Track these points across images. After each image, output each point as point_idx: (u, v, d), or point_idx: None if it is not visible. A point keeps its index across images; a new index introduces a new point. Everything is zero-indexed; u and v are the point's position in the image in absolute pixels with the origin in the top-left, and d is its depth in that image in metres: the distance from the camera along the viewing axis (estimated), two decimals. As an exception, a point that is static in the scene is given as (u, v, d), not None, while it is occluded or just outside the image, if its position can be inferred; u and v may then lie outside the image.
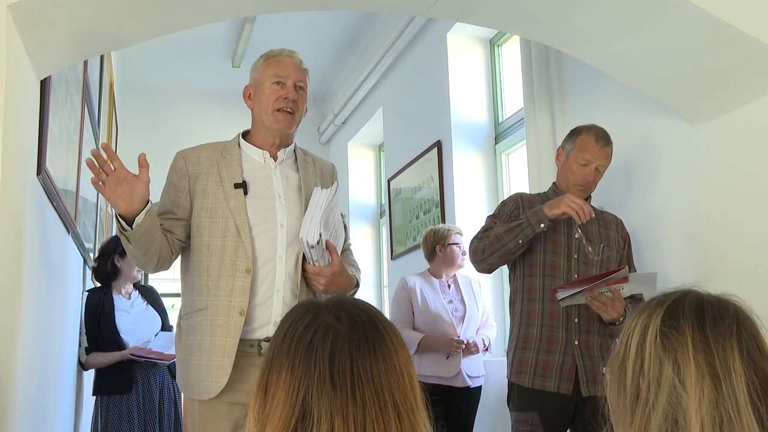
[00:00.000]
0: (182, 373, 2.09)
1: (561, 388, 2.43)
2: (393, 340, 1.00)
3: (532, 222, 2.43)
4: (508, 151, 4.39)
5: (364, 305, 1.04)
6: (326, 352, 0.96)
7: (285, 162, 2.21)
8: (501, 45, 4.54)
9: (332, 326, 0.99)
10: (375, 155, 6.57)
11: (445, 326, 3.58)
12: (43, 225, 2.31)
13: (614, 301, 2.38)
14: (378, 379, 0.95)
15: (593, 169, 2.55)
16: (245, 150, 2.19)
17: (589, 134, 2.57)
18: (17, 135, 1.79)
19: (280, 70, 2.15)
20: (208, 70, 6.32)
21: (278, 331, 1.03)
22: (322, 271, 2.07)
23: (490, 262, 2.52)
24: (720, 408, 0.94)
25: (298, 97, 2.15)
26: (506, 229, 2.47)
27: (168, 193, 2.16)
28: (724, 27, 2.13)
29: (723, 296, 1.05)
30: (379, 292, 6.25)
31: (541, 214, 2.44)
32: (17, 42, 1.78)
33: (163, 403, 3.64)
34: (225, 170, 2.12)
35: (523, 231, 2.44)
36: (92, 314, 3.58)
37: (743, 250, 2.46)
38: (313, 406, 0.93)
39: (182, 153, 2.18)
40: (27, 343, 2.08)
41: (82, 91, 3.06)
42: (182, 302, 2.16)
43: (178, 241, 2.11)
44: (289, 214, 2.12)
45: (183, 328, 2.12)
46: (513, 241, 2.45)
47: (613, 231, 2.65)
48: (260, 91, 2.16)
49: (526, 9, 2.35)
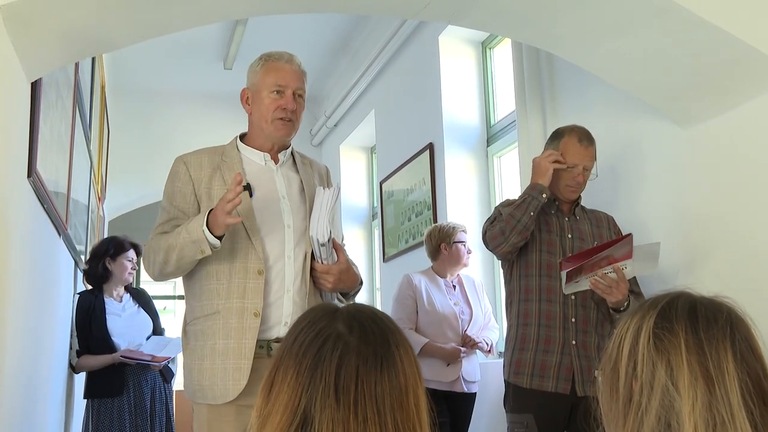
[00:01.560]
0: (192, 379, 2.06)
1: (559, 387, 2.44)
2: (403, 359, 0.99)
3: (534, 195, 2.49)
4: (500, 154, 4.39)
5: (379, 318, 1.03)
6: (333, 365, 0.96)
7: (285, 164, 2.21)
8: (493, 48, 4.55)
9: (343, 337, 0.98)
10: (367, 157, 6.56)
11: (451, 330, 3.52)
12: (34, 227, 2.30)
13: (618, 282, 2.38)
14: (381, 398, 0.95)
15: (580, 171, 2.58)
16: (245, 153, 2.18)
17: (572, 136, 2.59)
18: (7, 137, 1.78)
19: (279, 79, 2.12)
20: (200, 72, 6.31)
21: (291, 332, 1.03)
22: (330, 269, 2.08)
23: (512, 242, 2.52)
24: (713, 411, 0.94)
25: (297, 105, 2.14)
26: (515, 207, 2.52)
27: (174, 200, 2.12)
28: (713, 30, 2.14)
29: (716, 298, 1.05)
30: (371, 294, 6.24)
31: (538, 186, 2.51)
32: (7, 44, 1.77)
33: (154, 406, 3.62)
34: (228, 173, 2.10)
35: (530, 204, 2.49)
36: (83, 317, 3.57)
37: (734, 252, 2.47)
38: (315, 415, 0.93)
39: (182, 158, 2.16)
40: (16, 346, 2.06)
41: (73, 93, 3.05)
42: (188, 308, 2.13)
43: None
44: (295, 214, 2.13)
45: (191, 334, 2.09)
46: (525, 214, 2.49)
47: (605, 229, 2.67)
48: (259, 98, 2.14)
49: (517, 12, 2.36)
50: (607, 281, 2.37)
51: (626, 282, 2.39)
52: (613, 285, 2.37)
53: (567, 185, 2.58)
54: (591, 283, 2.39)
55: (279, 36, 5.52)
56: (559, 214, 2.63)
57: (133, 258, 3.73)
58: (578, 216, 2.66)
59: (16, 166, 1.94)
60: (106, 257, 3.64)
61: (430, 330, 3.52)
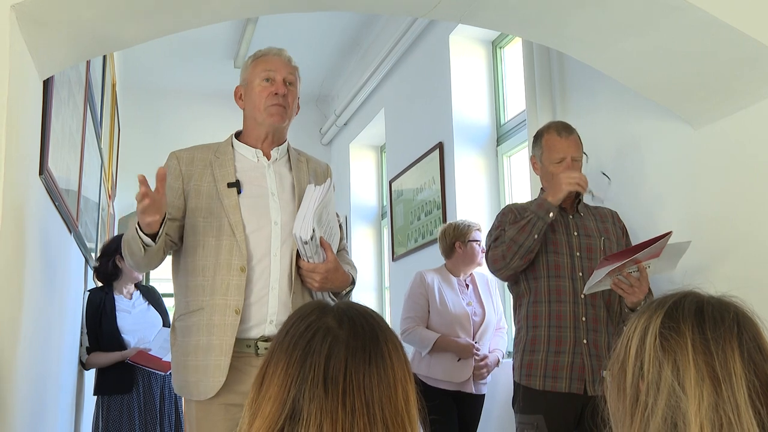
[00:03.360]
0: (179, 375, 2.08)
1: (572, 388, 2.43)
2: (391, 354, 1.00)
3: (540, 214, 2.45)
4: (510, 153, 4.39)
5: (369, 315, 1.05)
6: (322, 355, 0.97)
7: (278, 161, 2.21)
8: (503, 47, 4.54)
9: (332, 330, 1.00)
10: (377, 156, 6.57)
11: (463, 330, 3.49)
12: (45, 225, 2.31)
13: (641, 280, 2.34)
14: (369, 391, 0.96)
15: (569, 162, 2.57)
16: (238, 149, 2.20)
17: (550, 132, 2.64)
18: (20, 135, 1.79)
19: (268, 65, 2.17)
20: (211, 71, 6.33)
21: (283, 327, 1.05)
22: (316, 267, 2.07)
23: (514, 266, 2.50)
24: (720, 411, 0.94)
25: (288, 92, 2.16)
26: (518, 229, 2.48)
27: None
28: (725, 29, 2.13)
29: (724, 298, 1.04)
30: (380, 293, 6.25)
31: (546, 204, 2.46)
32: (20, 42, 1.78)
33: (164, 403, 3.64)
34: (218, 170, 2.13)
35: (535, 225, 2.45)
36: (93, 314, 3.59)
37: (745, 252, 2.46)
38: (304, 405, 0.94)
39: (175, 153, 2.18)
40: (28, 343, 2.08)
41: (84, 91, 3.06)
42: (176, 303, 2.15)
43: (171, 242, 2.10)
44: (283, 212, 2.12)
45: (178, 330, 2.11)
46: (529, 237, 2.45)
47: (609, 224, 2.66)
48: (251, 89, 2.18)
49: (528, 11, 2.35)
50: (631, 281, 2.34)
51: (648, 282, 2.37)
52: (635, 284, 2.34)
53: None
54: (613, 282, 2.35)
55: (289, 34, 5.53)
56: (563, 213, 2.61)
57: (143, 255, 3.75)
58: (582, 213, 2.64)
59: (28, 163, 1.96)
60: (116, 255, 3.65)
61: (441, 330, 3.50)
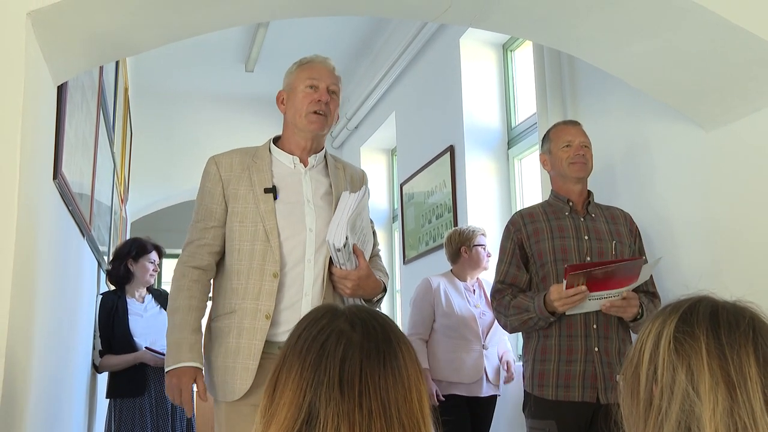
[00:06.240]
0: (210, 374, 2.12)
1: (585, 396, 2.41)
2: (405, 355, 1.00)
3: (543, 317, 2.44)
4: (521, 156, 4.38)
5: (380, 316, 1.05)
6: (337, 358, 0.96)
7: (315, 167, 2.23)
8: (514, 50, 4.54)
9: (346, 333, 0.99)
10: (387, 160, 6.57)
11: (470, 332, 3.52)
12: (59, 229, 2.33)
13: (628, 299, 2.39)
14: (386, 392, 0.95)
15: (578, 145, 2.60)
16: (276, 155, 2.22)
17: (556, 128, 2.71)
18: (34, 140, 1.81)
19: (313, 73, 2.19)
20: (222, 75, 6.35)
21: (294, 332, 1.04)
22: (348, 274, 2.09)
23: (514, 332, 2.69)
24: (735, 416, 0.93)
25: (330, 100, 2.18)
26: (520, 321, 2.50)
27: (203, 199, 2.19)
28: (737, 31, 2.12)
29: (739, 302, 1.04)
30: (391, 297, 6.24)
31: (547, 308, 2.41)
32: (36, 49, 1.80)
33: (175, 406, 3.65)
34: (256, 175, 2.15)
35: (536, 324, 2.48)
36: (106, 317, 3.61)
37: (760, 256, 2.44)
38: (320, 409, 0.94)
39: (214, 158, 2.21)
40: (42, 346, 2.09)
41: (97, 96, 3.08)
42: (212, 304, 2.20)
43: (217, 253, 2.16)
44: (318, 218, 2.14)
45: (212, 330, 2.15)
46: (531, 329, 2.52)
47: (621, 225, 2.62)
48: (294, 95, 2.20)
49: (538, 14, 2.35)
50: (618, 304, 2.38)
51: (634, 295, 2.41)
52: (624, 305, 2.39)
53: (571, 163, 2.58)
54: (603, 308, 2.39)
55: (300, 38, 5.55)
56: (574, 216, 2.58)
57: (155, 260, 3.77)
58: (593, 214, 2.60)
59: (42, 168, 1.97)
60: (129, 258, 3.68)
61: (448, 333, 3.52)
